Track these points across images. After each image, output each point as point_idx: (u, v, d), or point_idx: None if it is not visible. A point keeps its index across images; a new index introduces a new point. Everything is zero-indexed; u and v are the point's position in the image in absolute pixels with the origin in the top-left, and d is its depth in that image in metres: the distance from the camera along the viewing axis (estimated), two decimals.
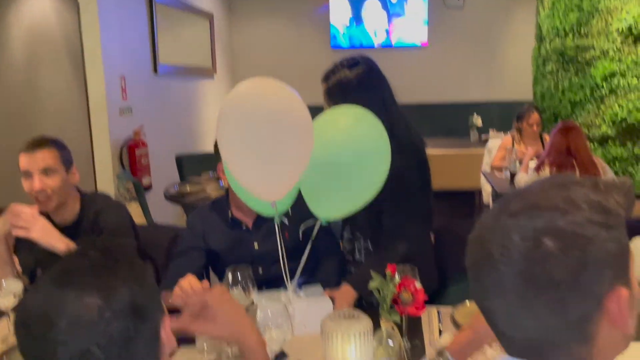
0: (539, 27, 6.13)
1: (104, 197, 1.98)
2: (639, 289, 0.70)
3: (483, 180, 4.28)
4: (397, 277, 1.37)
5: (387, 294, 1.32)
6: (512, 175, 3.41)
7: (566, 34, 5.89)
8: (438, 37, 6.60)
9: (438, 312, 1.65)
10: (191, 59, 5.64)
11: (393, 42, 6.69)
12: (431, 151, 5.98)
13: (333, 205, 1.66)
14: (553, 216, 0.64)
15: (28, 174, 1.77)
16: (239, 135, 1.49)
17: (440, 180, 5.26)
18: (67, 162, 1.84)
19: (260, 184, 1.57)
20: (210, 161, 2.21)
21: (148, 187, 4.27)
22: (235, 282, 1.48)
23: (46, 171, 1.76)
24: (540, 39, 6.11)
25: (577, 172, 3.08)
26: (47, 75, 5.10)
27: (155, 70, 4.70)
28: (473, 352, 1.18)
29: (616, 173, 5.99)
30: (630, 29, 5.64)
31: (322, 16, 6.73)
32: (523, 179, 3.22)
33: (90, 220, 1.87)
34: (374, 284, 1.33)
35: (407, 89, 6.67)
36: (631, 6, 5.66)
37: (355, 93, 1.76)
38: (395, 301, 1.32)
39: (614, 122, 5.87)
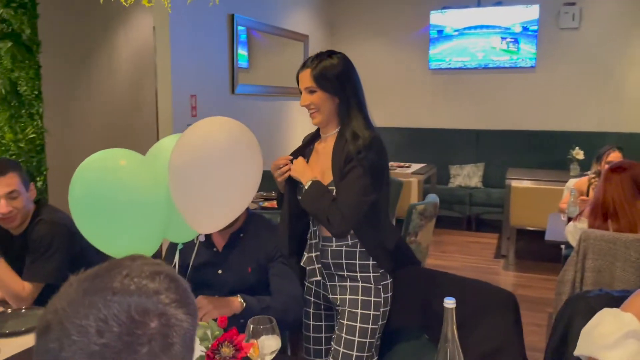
0: None
1: (47, 210, 2.05)
2: None
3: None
4: (221, 330, 1.21)
5: (206, 345, 1.17)
6: (570, 221, 2.93)
7: None
8: (548, 60, 5.99)
9: None
10: (279, 79, 5.77)
11: (496, 64, 6.21)
12: (517, 183, 5.21)
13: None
14: None
15: None
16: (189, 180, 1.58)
17: (531, 216, 4.76)
18: (26, 183, 2.00)
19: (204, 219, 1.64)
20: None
21: None
22: None
23: (11, 194, 1.92)
24: None
25: (612, 224, 2.44)
26: (145, 93, 5.57)
27: (232, 90, 4.89)
28: None
29: None
30: None
31: (422, 37, 6.49)
32: (569, 229, 2.72)
33: (30, 231, 1.98)
34: (199, 332, 1.20)
35: (509, 115, 6.20)
36: None
37: (346, 78, 1.81)
38: (209, 356, 1.15)
39: None
